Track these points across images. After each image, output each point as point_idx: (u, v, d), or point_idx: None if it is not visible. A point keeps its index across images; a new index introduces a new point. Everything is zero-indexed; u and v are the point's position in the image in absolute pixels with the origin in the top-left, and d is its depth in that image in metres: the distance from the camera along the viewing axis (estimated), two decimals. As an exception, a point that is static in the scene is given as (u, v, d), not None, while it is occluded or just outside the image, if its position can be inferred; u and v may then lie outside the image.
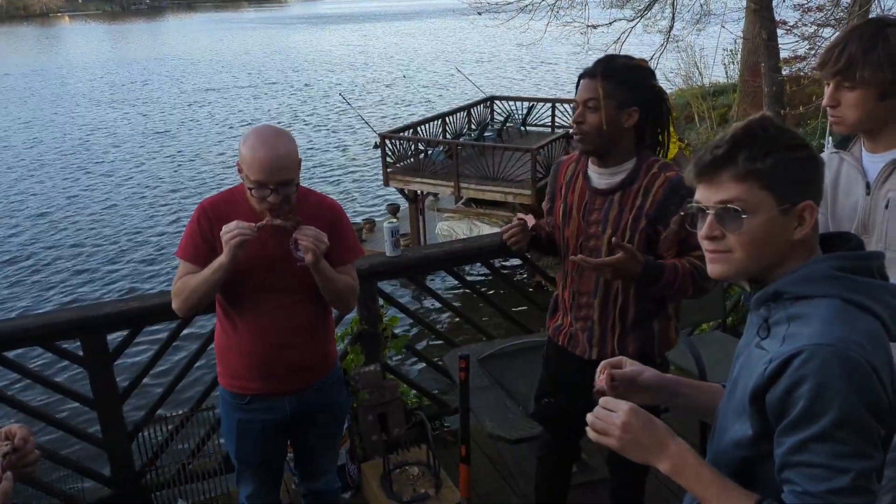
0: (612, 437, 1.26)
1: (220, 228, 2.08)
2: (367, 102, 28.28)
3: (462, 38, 50.75)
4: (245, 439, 2.33)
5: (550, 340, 2.37)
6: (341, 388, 2.45)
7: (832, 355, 1.09)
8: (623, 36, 12.78)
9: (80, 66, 43.05)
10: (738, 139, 1.20)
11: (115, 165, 21.06)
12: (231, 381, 2.28)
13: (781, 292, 1.20)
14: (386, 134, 14.27)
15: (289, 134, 2.16)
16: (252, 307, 2.18)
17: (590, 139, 2.05)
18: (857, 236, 1.28)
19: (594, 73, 2.03)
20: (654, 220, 2.05)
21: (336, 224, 2.26)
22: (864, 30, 1.76)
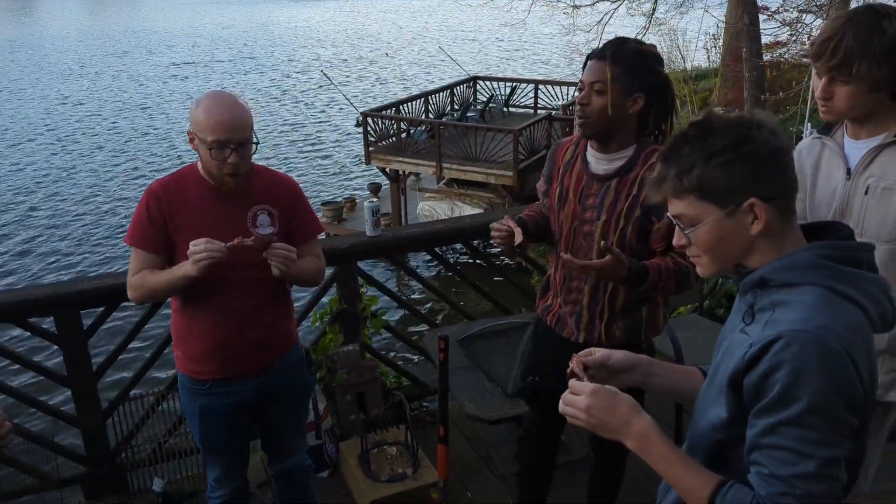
0: (580, 420, 1.30)
1: (173, 209, 2.08)
2: (350, 80, 28.01)
3: (446, 17, 50.32)
4: (208, 424, 2.29)
5: (539, 320, 2.38)
6: (303, 366, 2.43)
7: (811, 342, 1.09)
8: (606, 18, 12.75)
9: (54, 39, 42.14)
10: (665, 158, 1.23)
11: (90, 140, 20.74)
12: (191, 366, 2.23)
13: (766, 279, 1.21)
14: (368, 112, 14.14)
15: (239, 97, 2.13)
16: (212, 292, 2.12)
17: (592, 122, 2.03)
18: (848, 227, 1.27)
19: (603, 55, 2.00)
20: (649, 210, 2.03)
21: (295, 202, 2.25)
22: (860, 21, 1.72)
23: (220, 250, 1.97)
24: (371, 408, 3.41)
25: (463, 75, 18.24)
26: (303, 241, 2.24)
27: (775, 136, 1.19)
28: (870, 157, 1.84)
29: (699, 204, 1.21)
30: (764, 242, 1.21)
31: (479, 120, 15.55)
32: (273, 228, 2.16)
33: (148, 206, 2.10)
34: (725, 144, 1.17)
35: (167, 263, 2.12)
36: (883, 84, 1.74)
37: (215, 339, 2.17)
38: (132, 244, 2.14)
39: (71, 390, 3.04)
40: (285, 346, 2.33)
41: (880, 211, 1.82)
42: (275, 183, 2.24)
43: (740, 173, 1.17)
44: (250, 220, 2.13)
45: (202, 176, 2.13)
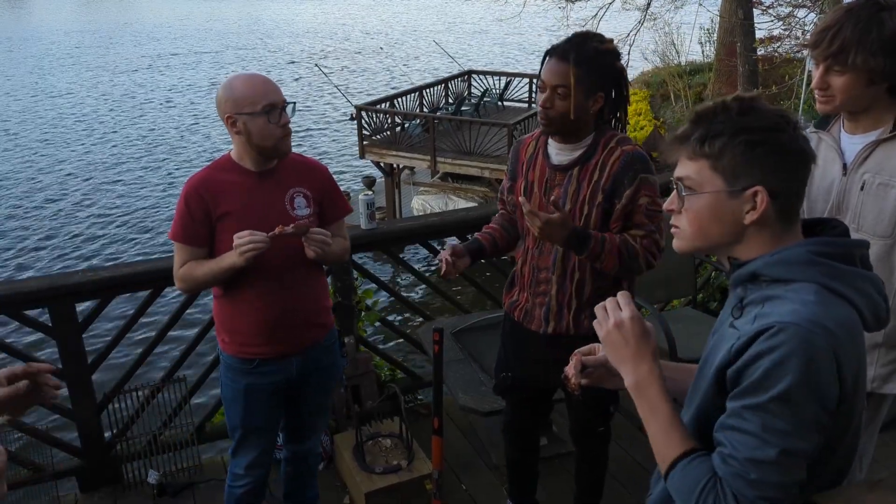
0: (603, 327, 1.30)
1: (215, 200, 2.15)
2: (344, 74, 27.93)
3: (441, 11, 50.17)
4: (252, 404, 2.35)
5: (507, 315, 2.40)
6: (338, 349, 2.52)
7: (798, 335, 1.08)
8: (601, 12, 12.74)
9: (45, 31, 41.84)
10: (698, 118, 1.21)
11: (82, 132, 20.64)
12: (239, 347, 2.30)
13: (758, 274, 1.20)
14: (362, 106, 14.12)
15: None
16: (257, 278, 2.20)
17: (556, 123, 2.06)
18: (843, 223, 1.26)
19: (566, 56, 2.00)
20: (610, 194, 2.06)
21: (327, 184, 2.34)
22: (861, 12, 1.73)
23: (264, 240, 2.05)
24: (366, 400, 3.42)
25: (457, 69, 18.22)
26: (334, 220, 2.35)
27: (806, 143, 1.19)
28: (866, 152, 1.84)
29: (709, 173, 1.19)
30: (755, 235, 1.20)
31: (474, 114, 15.54)
32: (309, 210, 2.25)
33: (188, 202, 2.16)
34: (759, 126, 1.17)
35: (211, 253, 2.20)
36: (879, 76, 1.74)
37: (261, 320, 2.24)
38: (176, 240, 2.20)
39: (66, 383, 3.03)
40: (326, 324, 2.42)
41: (876, 206, 1.82)
42: (306, 166, 2.33)
43: (760, 159, 1.16)
44: (288, 202, 2.22)
45: (237, 163, 2.21)
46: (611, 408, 2.41)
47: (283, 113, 2.13)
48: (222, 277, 2.16)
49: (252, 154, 2.18)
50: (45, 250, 12.96)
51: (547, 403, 2.62)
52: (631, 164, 2.04)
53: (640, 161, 2.06)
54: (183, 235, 2.19)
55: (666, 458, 1.20)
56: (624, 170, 2.04)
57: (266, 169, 2.21)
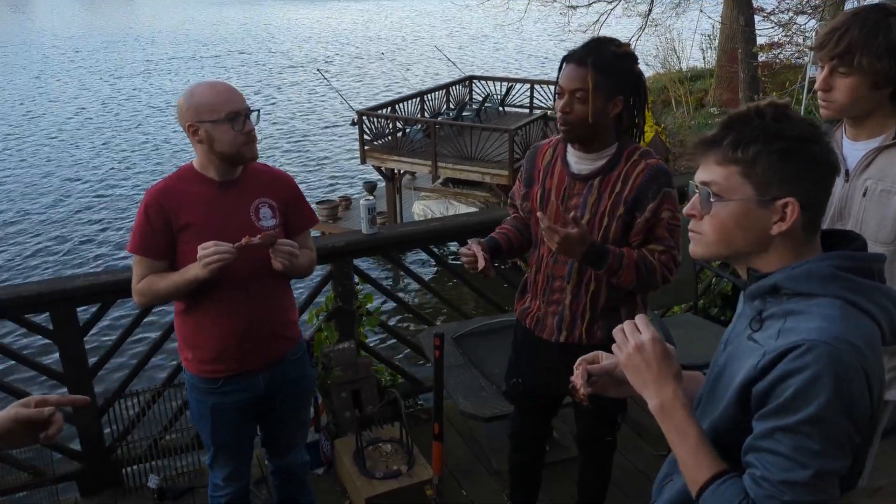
0: (624, 351, 1.27)
1: (177, 210, 2.08)
2: (346, 79, 27.99)
3: (442, 17, 50.29)
4: (220, 423, 2.29)
5: (518, 322, 2.39)
6: (307, 360, 2.45)
7: (828, 354, 1.06)
8: (602, 18, 12.77)
9: (46, 35, 41.96)
10: (730, 123, 1.18)
11: (83, 136, 20.69)
12: (201, 366, 2.22)
13: (779, 287, 1.17)
14: (363, 111, 14.14)
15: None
16: (222, 290, 2.13)
17: (576, 129, 2.04)
18: (861, 237, 1.24)
19: (584, 61, 1.99)
20: (632, 206, 2.05)
21: (292, 193, 2.29)
22: (868, 16, 1.73)
23: (230, 251, 1.99)
24: (366, 405, 3.42)
25: (459, 75, 18.25)
26: (300, 231, 2.31)
27: (834, 155, 1.17)
28: (868, 158, 1.84)
29: (739, 179, 1.16)
30: (780, 246, 1.18)
31: (475, 119, 15.56)
32: (275, 220, 2.20)
33: (148, 212, 2.09)
34: (794, 135, 1.14)
35: (172, 266, 2.13)
36: (884, 80, 1.74)
37: (225, 336, 2.17)
38: (135, 252, 2.13)
39: (66, 387, 3.03)
40: (292, 338, 2.35)
41: (878, 213, 1.82)
42: (271, 176, 2.27)
43: (794, 169, 1.14)
44: (253, 213, 2.16)
45: (200, 172, 2.15)
46: (619, 417, 2.40)
47: (247, 120, 2.07)
48: (185, 290, 2.08)
49: (215, 163, 2.11)
50: (46, 254, 12.97)
51: (555, 410, 2.62)
52: (656, 178, 2.04)
53: (664, 175, 2.06)
54: (142, 247, 2.11)
55: (696, 480, 1.18)
56: (648, 183, 2.03)
57: (230, 179, 2.15)
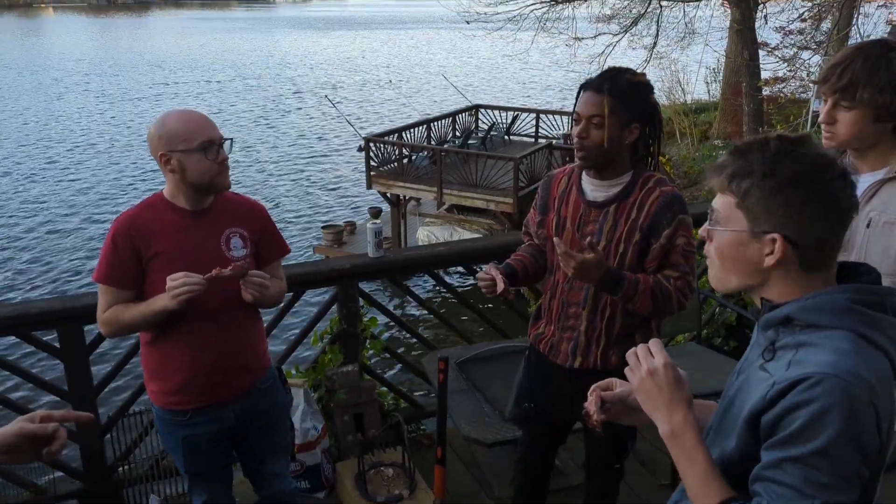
0: (636, 375, 1.28)
1: (146, 239, 2.06)
2: (353, 106, 28.27)
3: (450, 46, 50.88)
4: (192, 453, 2.25)
5: (532, 347, 2.40)
6: (278, 388, 2.41)
7: (838, 387, 1.06)
8: (608, 50, 12.93)
9: (55, 59, 42.53)
10: (735, 152, 1.20)
11: (91, 156, 20.91)
12: (169, 398, 2.19)
13: (792, 318, 1.17)
14: (371, 137, 14.27)
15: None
16: (191, 322, 2.10)
17: (592, 154, 2.07)
18: (875, 269, 1.24)
19: (600, 88, 2.02)
20: (648, 233, 2.07)
21: (264, 223, 2.28)
22: (870, 51, 1.77)
23: (200, 283, 1.96)
24: (368, 428, 3.42)
25: (465, 103, 18.44)
26: (272, 261, 2.29)
27: (844, 192, 1.14)
28: (871, 190, 1.86)
29: (735, 210, 1.19)
30: (780, 279, 1.19)
31: (481, 147, 15.68)
32: (246, 250, 2.18)
33: (116, 242, 2.06)
34: (789, 172, 1.13)
35: (139, 295, 2.10)
36: (886, 113, 1.77)
37: (194, 368, 2.14)
38: (102, 282, 2.09)
39: (70, 405, 3.04)
40: (262, 367, 2.31)
41: (882, 244, 1.84)
42: (243, 205, 2.25)
43: (782, 205, 1.14)
44: (224, 243, 2.14)
45: (170, 201, 2.13)
46: (628, 444, 2.40)
47: (220, 149, 2.06)
48: (153, 321, 2.05)
49: (187, 192, 2.09)
50: (54, 272, 13.03)
51: (564, 438, 2.61)
52: (671, 205, 2.06)
53: (678, 202, 2.08)
54: (109, 277, 2.07)
55: None
56: (663, 210, 2.06)
57: (201, 208, 2.13)
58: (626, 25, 13.46)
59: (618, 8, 14.46)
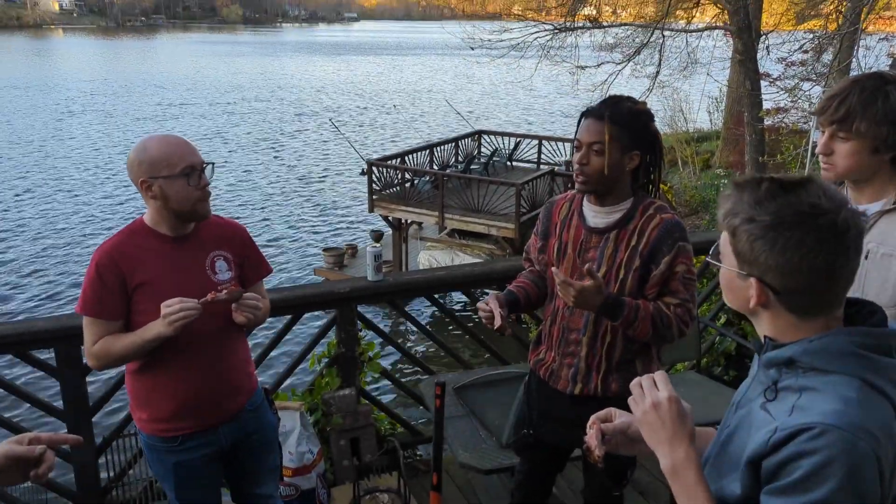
0: (639, 407, 1.27)
1: (131, 268, 2.04)
2: (357, 129, 28.47)
3: (454, 72, 51.34)
4: (185, 481, 2.22)
5: (532, 373, 2.39)
6: (266, 409, 2.39)
7: (842, 440, 1.05)
8: (610, 78, 13.03)
9: (63, 79, 42.96)
10: (734, 187, 1.20)
11: (92, 177, 21.02)
12: (158, 425, 2.16)
13: (795, 360, 1.16)
14: (374, 161, 14.35)
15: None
16: (182, 347, 2.08)
17: (592, 181, 2.09)
18: (880, 308, 1.22)
19: (601, 115, 2.05)
20: (648, 259, 2.08)
21: (246, 244, 2.28)
22: (867, 84, 1.78)
23: (196, 308, 1.96)
24: (365, 453, 3.39)
25: (468, 129, 18.56)
26: (255, 281, 2.30)
27: (837, 239, 1.10)
28: (870, 222, 1.86)
29: (727, 246, 1.20)
30: (770, 319, 1.19)
31: (483, 173, 15.75)
32: (231, 273, 2.18)
33: (101, 272, 2.03)
34: (767, 220, 1.12)
35: (126, 325, 2.08)
36: (883, 145, 1.78)
37: (186, 393, 2.13)
38: (88, 314, 2.05)
39: (66, 425, 3.03)
40: (251, 388, 2.32)
41: (880, 277, 1.83)
42: (224, 227, 2.25)
43: (762, 253, 1.13)
44: (209, 266, 2.14)
45: (152, 228, 2.11)
46: (628, 472, 2.38)
47: (202, 175, 2.05)
48: (147, 349, 2.02)
49: (169, 219, 2.08)
50: (54, 291, 13.03)
51: (563, 465, 2.59)
52: (671, 232, 2.07)
53: (678, 229, 2.09)
54: (95, 308, 2.03)
55: None
56: (663, 237, 2.07)
57: (183, 234, 2.12)
58: (629, 54, 13.57)
59: (621, 37, 14.60)
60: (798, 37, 11.91)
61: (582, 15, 14.20)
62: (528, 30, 13.73)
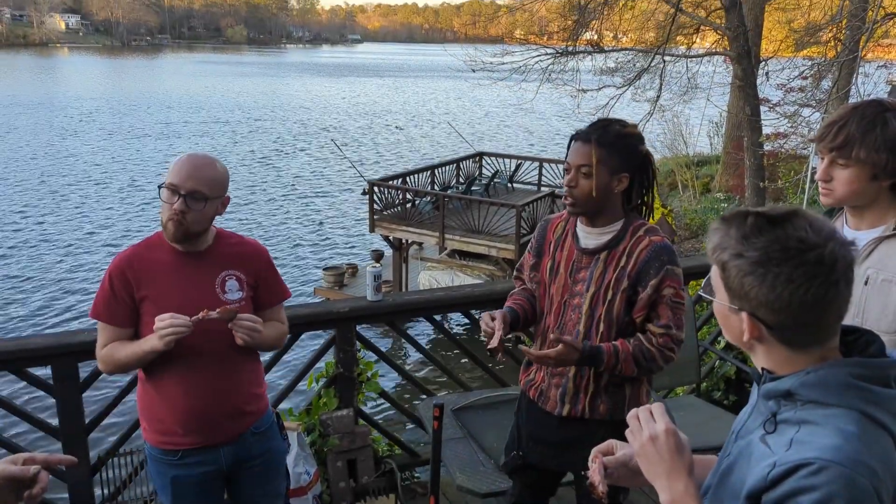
0: (637, 440, 1.27)
1: (139, 280, 2.08)
2: (359, 150, 28.60)
3: (456, 94, 51.68)
4: (181, 495, 2.22)
5: (523, 393, 2.38)
6: (276, 433, 2.38)
7: (841, 476, 1.04)
8: (611, 102, 13.11)
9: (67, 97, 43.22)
10: (722, 221, 1.20)
11: (92, 194, 21.12)
12: (160, 437, 2.18)
13: (793, 393, 1.15)
14: (375, 181, 14.40)
15: (219, 163, 2.15)
16: (182, 362, 2.10)
17: (581, 203, 2.10)
18: (878, 337, 1.21)
19: (588, 138, 2.07)
20: (635, 281, 2.08)
21: (263, 267, 2.26)
22: (866, 110, 1.79)
23: (186, 325, 1.98)
24: (362, 475, 3.36)
25: (469, 150, 18.64)
26: (268, 306, 2.27)
27: (825, 274, 1.09)
28: (869, 248, 1.86)
29: (718, 280, 1.19)
30: (765, 352, 1.19)
31: (484, 194, 15.81)
32: (241, 293, 2.18)
33: (111, 280, 2.09)
34: (754, 256, 1.12)
35: (136, 333, 2.13)
36: (882, 171, 1.78)
37: (185, 408, 2.13)
38: (98, 319, 2.12)
39: (61, 442, 3.01)
40: (257, 412, 2.30)
41: (880, 302, 1.83)
42: (243, 248, 2.24)
43: (752, 288, 1.12)
44: (218, 285, 2.14)
45: (168, 242, 2.13)
46: (621, 496, 2.36)
47: (181, 200, 2.01)
48: (145, 360, 2.07)
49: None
50: (53, 308, 13.01)
51: (554, 489, 2.57)
52: (658, 255, 2.07)
53: (667, 252, 2.09)
54: (104, 314, 2.11)
55: None
56: (651, 259, 2.07)
57: (196, 250, 2.14)
58: (629, 79, 13.66)
59: (622, 62, 14.71)
60: (797, 63, 12.02)
61: (583, 40, 14.31)
62: (530, 53, 13.83)
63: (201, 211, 2.05)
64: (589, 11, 13.79)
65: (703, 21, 14.25)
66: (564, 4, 15.01)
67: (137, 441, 3.29)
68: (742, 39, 11.30)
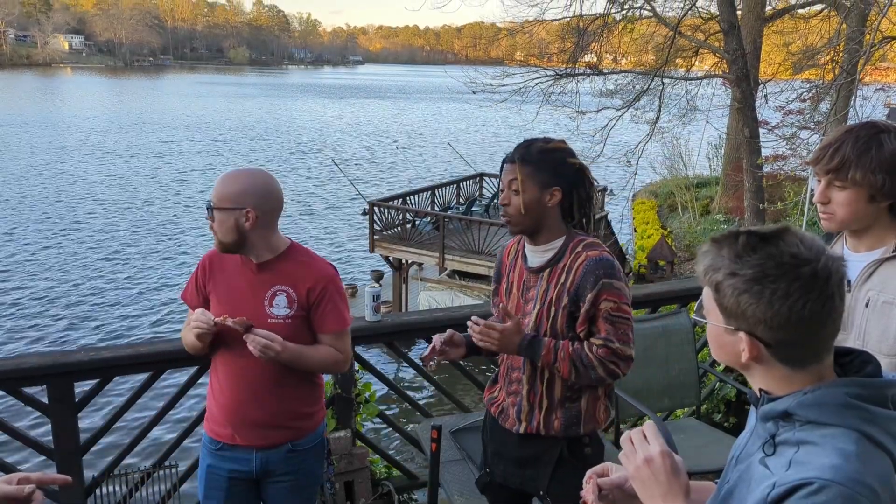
0: (632, 462, 1.26)
1: (212, 277, 2.29)
2: (359, 170, 28.70)
3: (456, 115, 51.99)
4: (212, 487, 2.35)
5: (487, 411, 2.40)
6: (318, 457, 2.39)
7: (841, 495, 1.04)
8: (611, 123, 13.18)
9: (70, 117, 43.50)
10: (712, 243, 1.20)
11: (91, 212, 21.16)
12: (209, 424, 2.37)
13: (791, 413, 1.15)
14: (375, 202, 14.43)
15: (247, 176, 2.19)
16: (228, 358, 2.26)
17: (515, 220, 2.14)
18: (874, 358, 1.21)
19: (512, 158, 2.14)
20: (575, 297, 2.10)
21: (322, 291, 2.23)
22: (861, 132, 1.80)
23: (208, 324, 2.13)
24: (359, 497, 3.33)
25: (470, 171, 18.70)
26: (320, 331, 2.26)
27: (812, 293, 1.10)
28: (869, 270, 1.86)
29: (713, 304, 1.18)
30: (763, 372, 1.18)
31: (484, 214, 15.83)
32: (289, 311, 2.20)
33: (197, 271, 2.34)
34: (749, 274, 1.12)
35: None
36: (879, 193, 1.78)
37: (225, 404, 2.28)
38: (183, 300, 2.39)
39: (55, 463, 2.98)
40: (301, 429, 2.33)
41: (881, 324, 1.82)
42: (305, 267, 2.24)
43: (748, 307, 1.12)
44: (268, 298, 2.20)
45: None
46: None
47: (209, 213, 2.17)
48: (195, 346, 2.25)
49: None
50: (48, 327, 12.97)
51: None
52: (594, 269, 2.08)
53: (603, 266, 2.08)
54: (187, 297, 2.36)
55: None
56: (587, 274, 2.08)
57: (262, 260, 2.22)
58: (629, 101, 13.74)
59: (621, 84, 14.81)
60: (796, 86, 12.12)
61: (583, 62, 14.43)
62: (530, 75, 13.94)
63: (224, 223, 2.15)
64: (588, 34, 13.91)
65: (701, 44, 14.38)
66: (563, 27, 15.13)
67: (132, 462, 3.27)
68: (741, 62, 11.40)
